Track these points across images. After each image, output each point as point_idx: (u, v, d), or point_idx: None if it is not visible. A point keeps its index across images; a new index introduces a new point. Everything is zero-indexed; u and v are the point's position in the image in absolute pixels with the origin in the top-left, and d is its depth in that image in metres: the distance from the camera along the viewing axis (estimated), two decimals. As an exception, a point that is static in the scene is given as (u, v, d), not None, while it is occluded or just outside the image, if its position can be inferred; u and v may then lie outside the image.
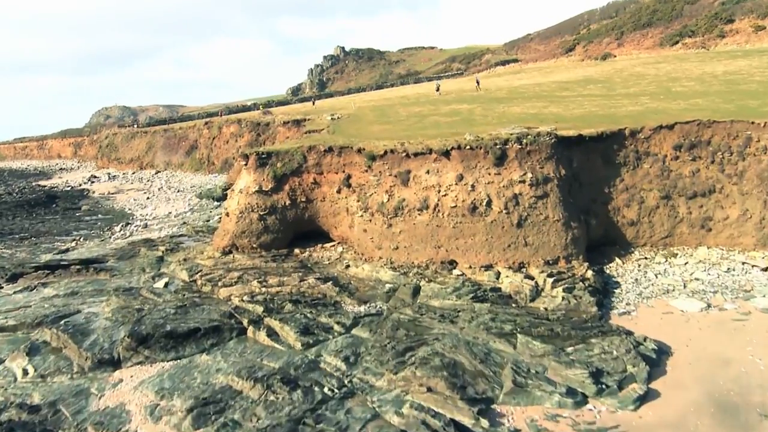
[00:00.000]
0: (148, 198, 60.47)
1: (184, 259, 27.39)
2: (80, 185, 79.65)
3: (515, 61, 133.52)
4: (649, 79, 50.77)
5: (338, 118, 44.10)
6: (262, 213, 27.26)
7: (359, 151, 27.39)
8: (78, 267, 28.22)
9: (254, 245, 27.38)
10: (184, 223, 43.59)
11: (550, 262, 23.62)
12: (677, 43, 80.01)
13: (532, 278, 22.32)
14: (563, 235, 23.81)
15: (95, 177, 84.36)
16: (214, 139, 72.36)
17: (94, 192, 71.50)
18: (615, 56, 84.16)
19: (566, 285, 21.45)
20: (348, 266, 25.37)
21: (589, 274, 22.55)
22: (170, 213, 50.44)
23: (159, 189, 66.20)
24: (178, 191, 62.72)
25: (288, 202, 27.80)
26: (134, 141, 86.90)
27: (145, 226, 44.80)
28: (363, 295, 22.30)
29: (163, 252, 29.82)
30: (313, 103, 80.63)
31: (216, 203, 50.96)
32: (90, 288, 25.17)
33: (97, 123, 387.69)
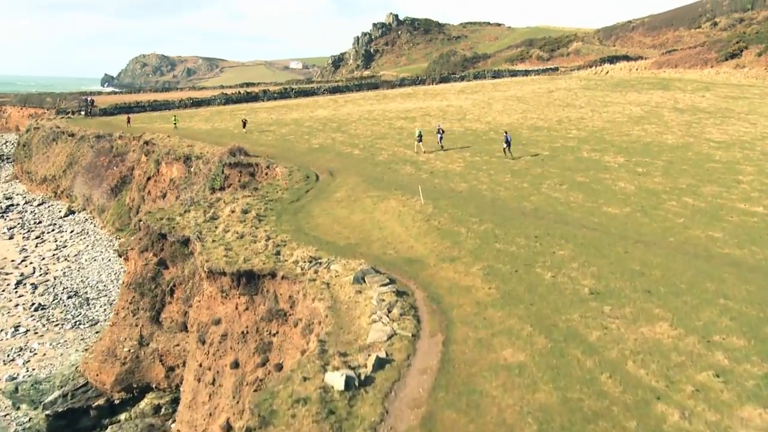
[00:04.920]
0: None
1: None
2: (-49, 219, 49.55)
3: (626, 58, 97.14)
4: None
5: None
6: None
7: None
8: None
9: None
10: None
11: None
12: None
13: None
14: None
15: (-14, 202, 54.05)
16: (149, 179, 40.86)
17: (-63, 253, 41.21)
18: None
19: None
20: None
21: None
22: None
23: (28, 275, 35.46)
24: (40, 309, 31.71)
25: None
26: (54, 147, 55.70)
27: None
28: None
29: None
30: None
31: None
32: None
33: (133, 70, 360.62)
